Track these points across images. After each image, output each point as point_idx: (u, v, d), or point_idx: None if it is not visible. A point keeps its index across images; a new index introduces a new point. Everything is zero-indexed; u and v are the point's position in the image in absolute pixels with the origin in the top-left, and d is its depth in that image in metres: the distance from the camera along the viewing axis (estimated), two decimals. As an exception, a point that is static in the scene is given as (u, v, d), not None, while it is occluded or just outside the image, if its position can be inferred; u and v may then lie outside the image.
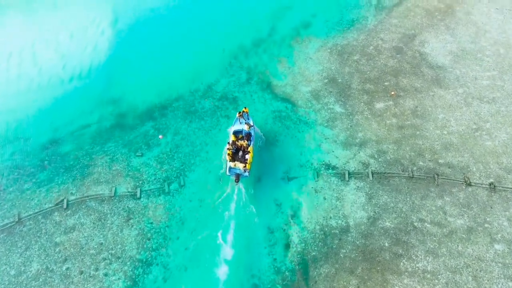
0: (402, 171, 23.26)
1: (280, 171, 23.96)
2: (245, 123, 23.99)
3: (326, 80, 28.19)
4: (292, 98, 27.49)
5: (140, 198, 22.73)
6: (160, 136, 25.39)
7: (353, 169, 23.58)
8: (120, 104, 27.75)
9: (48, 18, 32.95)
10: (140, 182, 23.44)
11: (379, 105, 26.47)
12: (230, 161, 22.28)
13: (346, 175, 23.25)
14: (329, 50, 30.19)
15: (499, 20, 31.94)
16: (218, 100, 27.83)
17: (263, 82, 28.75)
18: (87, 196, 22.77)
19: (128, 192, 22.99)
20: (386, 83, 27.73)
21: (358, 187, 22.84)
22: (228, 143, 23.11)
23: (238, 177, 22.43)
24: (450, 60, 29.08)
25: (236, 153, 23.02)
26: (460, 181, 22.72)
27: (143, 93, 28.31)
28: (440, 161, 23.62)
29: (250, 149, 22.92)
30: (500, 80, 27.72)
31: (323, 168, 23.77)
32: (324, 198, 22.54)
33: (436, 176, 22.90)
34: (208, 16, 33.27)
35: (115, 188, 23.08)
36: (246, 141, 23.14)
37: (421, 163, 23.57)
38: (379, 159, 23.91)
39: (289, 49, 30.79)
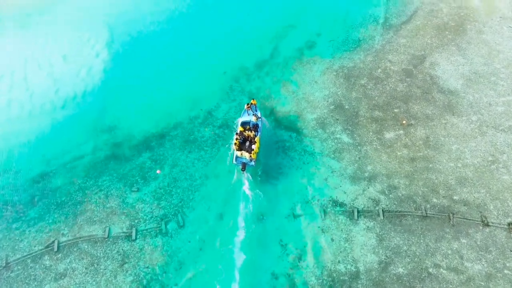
0: (415, 210, 21.83)
1: (285, 208, 22.54)
2: (253, 114, 24.78)
3: (332, 107, 26.75)
4: (296, 126, 26.07)
5: (135, 239, 21.30)
6: (158, 171, 23.98)
7: (362, 206, 22.15)
8: (115, 132, 26.35)
9: (40, 38, 31.53)
10: (136, 221, 22.03)
11: (389, 135, 25.03)
12: (237, 150, 23.15)
13: (355, 214, 21.84)
14: (335, 73, 28.75)
15: (513, 39, 30.57)
16: (219, 128, 26.39)
17: (266, 108, 27.30)
18: (80, 238, 21.37)
19: (123, 232, 21.57)
20: (395, 110, 26.29)
21: (368, 227, 21.42)
22: (236, 133, 23.93)
23: (244, 166, 23.12)
24: (462, 84, 27.62)
25: (243, 143, 23.88)
26: (477, 221, 21.28)
27: (140, 121, 26.90)
28: (455, 197, 22.19)
29: (256, 139, 23.78)
30: (516, 106, 26.34)
31: (330, 205, 22.35)
32: (332, 240, 21.12)
33: (451, 215, 21.47)
34: (208, 37, 31.80)
35: (109, 228, 21.68)
36: (253, 132, 23.89)
37: (434, 200, 22.14)
38: (390, 196, 22.48)
39: (293, 71, 29.35)
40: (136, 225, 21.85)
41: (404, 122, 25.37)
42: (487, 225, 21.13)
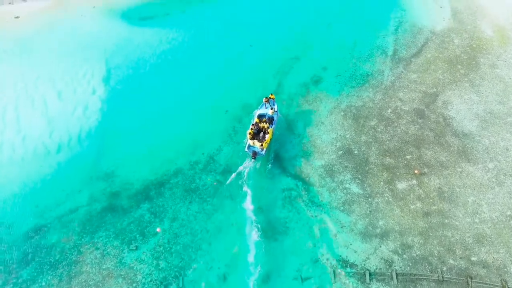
0: (431, 272, 20.53)
1: (291, 269, 21.22)
2: (271, 108, 26.10)
3: (341, 152, 25.42)
4: (303, 173, 24.75)
5: (134, 307, 20.11)
6: (158, 229, 22.64)
7: (374, 268, 20.85)
8: (112, 180, 25.01)
9: (33, 72, 30.13)
10: (134, 284, 20.75)
11: (402, 185, 23.71)
12: (250, 139, 24.65)
13: (367, 276, 20.53)
14: (342, 113, 27.40)
15: (528, 74, 29.19)
16: (221, 175, 25.07)
17: (270, 151, 25.93)
18: (74, 305, 20.16)
19: (121, 299, 20.37)
20: (408, 156, 24.96)
21: (381, 292, 20.17)
22: (252, 124, 25.54)
23: (255, 154, 24.73)
24: (477, 126, 26.27)
25: (257, 134, 25.35)
26: (497, 286, 20.01)
27: (138, 166, 25.56)
28: (472, 258, 20.90)
29: (270, 131, 25.28)
30: (535, 152, 25.02)
31: (340, 265, 21.05)
32: (343, 307, 19.89)
33: (469, 279, 20.16)
34: (208, 73, 30.34)
35: (106, 295, 20.45)
36: (267, 124, 25.51)
37: (451, 261, 20.84)
38: (404, 256, 21.19)
39: (298, 110, 27.98)
40: (134, 290, 20.62)
41: (416, 171, 24.05)
42: (508, 290, 19.89)
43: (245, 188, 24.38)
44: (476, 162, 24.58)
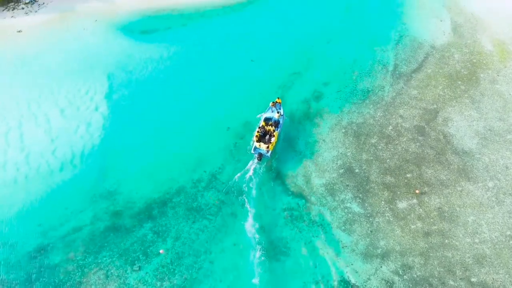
0: (431, 294, 20.80)
1: (294, 289, 21.54)
2: (277, 111, 27.28)
3: (342, 170, 25.61)
4: (304, 192, 24.94)
5: (137, 329, 20.34)
6: (161, 251, 22.81)
7: (375, 289, 21.13)
8: (115, 198, 25.20)
9: (36, 89, 30.28)
10: (138, 306, 21.04)
11: (402, 205, 23.91)
12: (256, 141, 25.74)
13: (368, 298, 20.81)
14: (343, 130, 27.58)
15: (528, 90, 29.36)
16: (224, 194, 25.26)
17: (272, 169, 26.16)
18: (79, 327, 20.39)
19: (124, 320, 20.58)
20: (408, 175, 25.15)
21: (382, 314, 20.39)
22: (259, 127, 26.63)
23: (260, 156, 25.84)
24: (477, 143, 26.47)
25: (263, 136, 26.54)
26: (497, 307, 20.28)
27: (140, 184, 25.76)
28: (472, 279, 21.10)
29: (275, 133, 26.42)
30: (534, 170, 25.22)
31: (341, 286, 21.25)
32: (345, 329, 20.11)
33: (469, 301, 20.45)
34: (210, 89, 30.53)
35: (110, 316, 20.67)
36: (273, 127, 26.54)
37: (451, 282, 21.04)
38: (405, 277, 21.39)
39: (300, 127, 28.16)
40: (138, 311, 20.84)
41: (417, 191, 24.25)
42: (508, 312, 20.12)
43: (247, 206, 24.65)
44: (476, 181, 24.79)
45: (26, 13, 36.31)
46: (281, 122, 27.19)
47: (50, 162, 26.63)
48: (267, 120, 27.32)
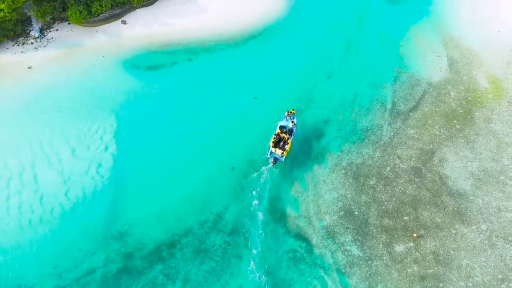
0: (426, 338, 22.11)
1: (296, 333, 22.87)
2: (291, 121, 30.13)
3: (342, 212, 26.87)
4: (306, 234, 26.21)
5: None
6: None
7: (373, 332, 22.44)
8: (126, 240, 26.48)
9: (48, 129, 31.38)
10: None
11: (399, 248, 25.18)
12: (272, 147, 28.67)
13: None
14: (343, 171, 28.79)
15: (521, 129, 30.53)
16: (229, 235, 26.53)
17: (276, 211, 27.44)
18: None
19: None
20: (405, 218, 26.40)
21: None
22: (275, 134, 29.50)
23: (275, 160, 28.81)
24: (471, 185, 27.69)
25: (279, 143, 29.33)
26: None
27: (150, 226, 27.02)
28: (465, 323, 22.45)
29: (289, 141, 29.19)
30: (525, 212, 26.44)
31: (342, 330, 22.64)
32: None
33: None
34: (214, 127, 31.64)
35: None
36: (287, 135, 29.42)
37: (445, 326, 22.41)
38: (401, 321, 22.74)
39: (302, 166, 29.37)
40: None
41: (415, 235, 25.51)
42: None
43: (252, 248, 25.89)
44: (470, 224, 26.04)
45: (36, 48, 37.45)
46: (294, 130, 29.96)
47: (64, 204, 27.87)
48: (282, 128, 30.15)
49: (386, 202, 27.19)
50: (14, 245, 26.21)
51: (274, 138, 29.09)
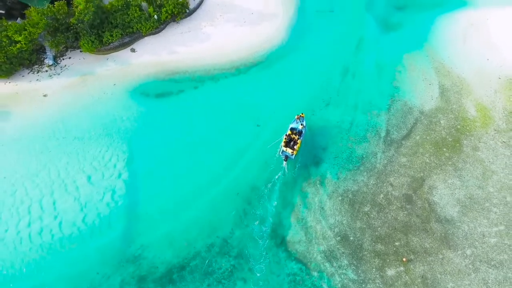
0: None
1: None
2: (301, 123, 33.98)
3: (339, 238, 29.16)
4: (305, 258, 28.51)
5: None
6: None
7: None
8: (140, 263, 28.79)
9: (65, 156, 33.70)
10: None
11: (391, 272, 27.48)
12: (284, 146, 32.55)
13: None
14: (340, 198, 31.07)
15: (506, 156, 32.67)
16: (234, 259, 28.84)
17: (277, 236, 29.72)
18: None
19: None
20: (396, 243, 28.70)
21: None
22: (286, 134, 33.24)
23: (286, 158, 32.51)
24: (458, 212, 29.96)
25: (289, 142, 33.10)
26: None
27: (162, 249, 29.34)
28: None
29: (299, 141, 33.08)
30: (507, 237, 28.63)
31: None
32: None
33: None
34: (220, 155, 33.89)
35: None
36: (297, 136, 33.26)
37: None
38: None
39: (302, 194, 31.64)
40: None
41: (404, 259, 27.80)
42: None
43: (256, 272, 28.18)
44: (456, 249, 28.32)
45: (50, 76, 39.66)
46: (303, 132, 33.78)
47: (81, 229, 30.18)
48: (292, 129, 33.93)
49: (379, 228, 29.48)
50: (34, 269, 28.53)
51: (285, 139, 33.01)
